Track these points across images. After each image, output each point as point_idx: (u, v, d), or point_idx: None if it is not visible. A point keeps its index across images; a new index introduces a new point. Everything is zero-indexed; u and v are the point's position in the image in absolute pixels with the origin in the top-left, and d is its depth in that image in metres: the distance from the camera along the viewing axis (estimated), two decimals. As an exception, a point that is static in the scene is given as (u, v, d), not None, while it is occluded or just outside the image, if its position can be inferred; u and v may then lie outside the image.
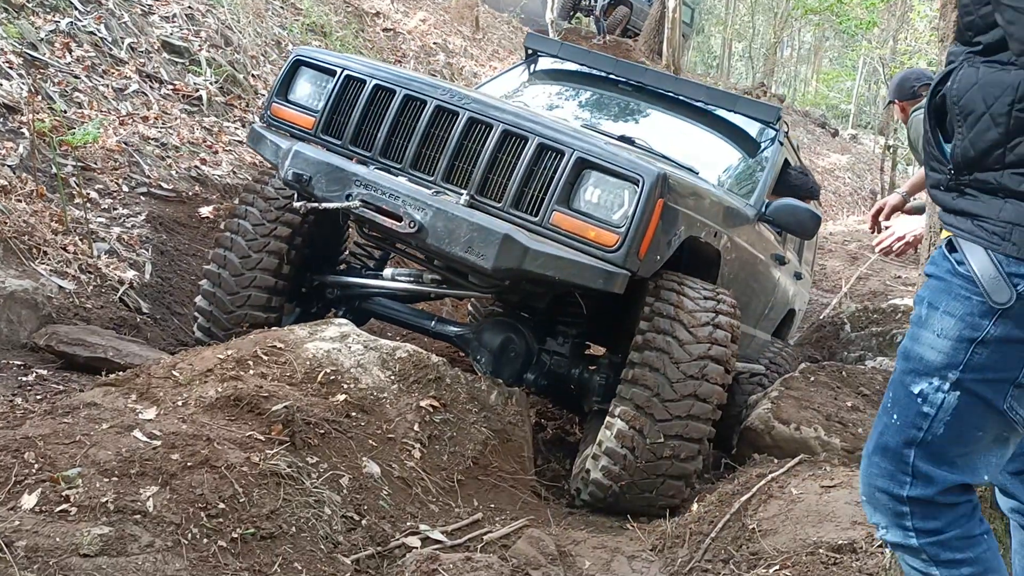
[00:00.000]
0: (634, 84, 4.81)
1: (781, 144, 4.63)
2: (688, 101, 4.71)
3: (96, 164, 4.67)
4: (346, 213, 3.38)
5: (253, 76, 6.77)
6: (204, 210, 5.00)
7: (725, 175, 4.46)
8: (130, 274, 4.18)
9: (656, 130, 4.52)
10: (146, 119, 5.35)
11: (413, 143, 3.37)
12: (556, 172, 3.15)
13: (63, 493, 2.00)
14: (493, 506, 2.97)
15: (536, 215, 3.17)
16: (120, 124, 5.11)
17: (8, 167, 4.12)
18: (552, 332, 3.83)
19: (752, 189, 4.36)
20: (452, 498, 2.88)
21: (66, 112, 4.75)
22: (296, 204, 3.43)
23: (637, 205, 3.04)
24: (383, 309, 4.05)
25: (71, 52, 5.24)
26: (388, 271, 3.95)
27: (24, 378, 3.15)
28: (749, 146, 4.68)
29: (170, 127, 5.48)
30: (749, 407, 4.23)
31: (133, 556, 1.92)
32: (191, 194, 5.07)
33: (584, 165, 3.15)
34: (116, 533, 1.94)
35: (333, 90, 3.55)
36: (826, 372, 4.51)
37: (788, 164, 4.83)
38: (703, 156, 4.40)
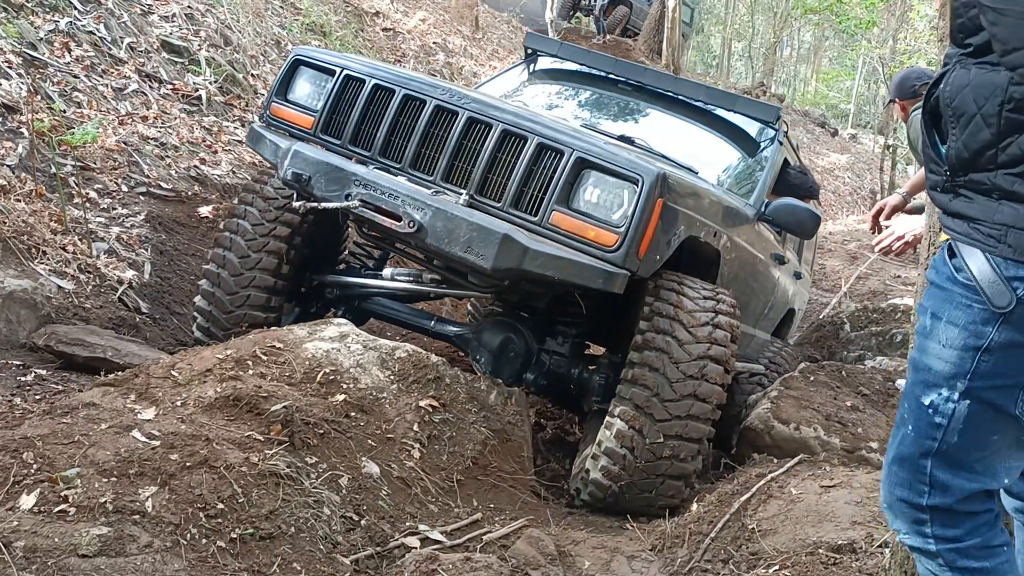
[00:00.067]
0: (634, 84, 4.81)
1: (780, 144, 4.63)
2: (688, 101, 4.71)
3: (95, 164, 4.67)
4: (345, 213, 3.37)
5: (252, 76, 6.77)
6: (203, 210, 5.00)
7: (725, 175, 4.45)
8: (129, 274, 4.18)
9: (656, 130, 4.52)
10: (145, 119, 5.35)
11: (412, 143, 3.37)
12: (556, 172, 3.15)
13: (62, 493, 2.00)
14: (492, 506, 2.97)
15: (535, 215, 3.17)
16: (119, 124, 5.11)
17: (7, 167, 4.12)
18: (552, 332, 3.82)
19: (752, 189, 4.36)
20: (451, 498, 2.88)
21: (65, 112, 4.75)
22: (295, 204, 3.43)
23: (637, 205, 3.03)
24: (382, 309, 4.05)
25: (70, 52, 5.23)
26: (387, 271, 3.94)
27: (23, 378, 3.15)
28: (748, 146, 4.68)
29: (169, 127, 5.47)
30: (749, 407, 4.23)
31: (132, 556, 1.91)
32: (190, 194, 5.06)
33: (583, 165, 3.15)
34: (115, 533, 1.94)
35: (332, 90, 3.55)
36: (826, 372, 4.51)
37: (788, 164, 4.83)
38: (702, 156, 4.39)
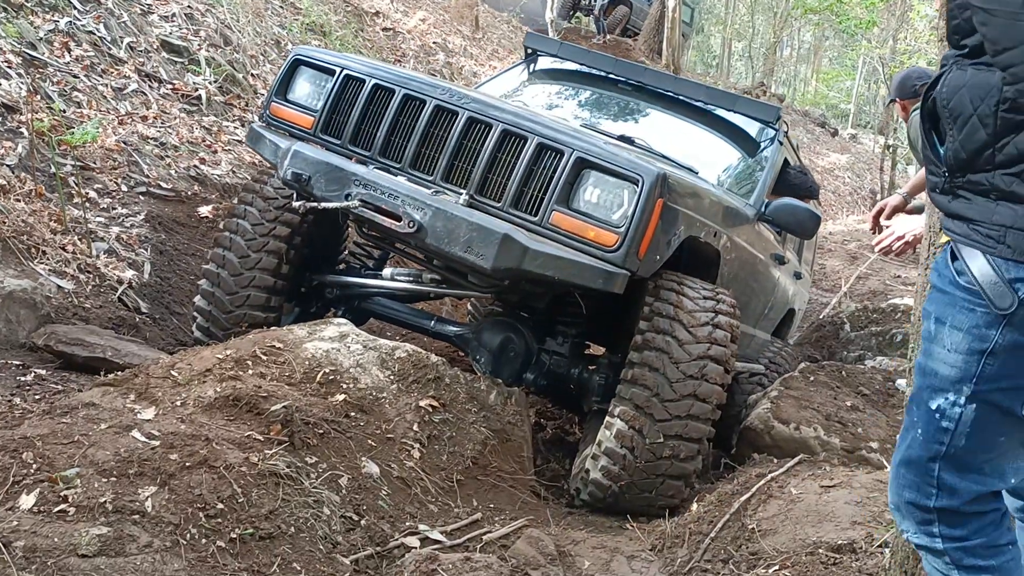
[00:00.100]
0: (634, 84, 4.81)
1: (781, 144, 4.63)
2: (688, 101, 4.70)
3: (95, 163, 4.67)
4: (345, 213, 3.37)
5: (252, 75, 6.77)
6: (203, 210, 5.00)
7: (725, 175, 4.45)
8: (129, 274, 4.18)
9: (656, 130, 4.52)
10: (145, 118, 5.34)
11: (412, 143, 3.37)
12: (556, 172, 3.15)
13: (61, 493, 2.00)
14: (492, 506, 2.97)
15: (535, 215, 3.16)
16: (119, 123, 5.10)
17: (7, 166, 4.12)
18: (552, 332, 3.82)
19: (752, 189, 4.36)
20: (451, 498, 2.88)
21: (65, 111, 4.75)
22: (295, 204, 3.42)
23: (637, 205, 3.03)
24: (382, 309, 4.05)
25: (70, 51, 5.23)
26: (387, 271, 3.94)
27: (23, 378, 3.15)
28: (749, 146, 4.68)
29: (169, 126, 5.47)
30: (749, 407, 4.23)
31: (131, 556, 1.91)
32: (190, 194, 5.06)
33: (584, 165, 3.15)
34: (114, 533, 1.93)
35: (332, 89, 3.54)
36: (826, 372, 4.51)
37: (788, 164, 4.83)
38: (703, 156, 4.39)
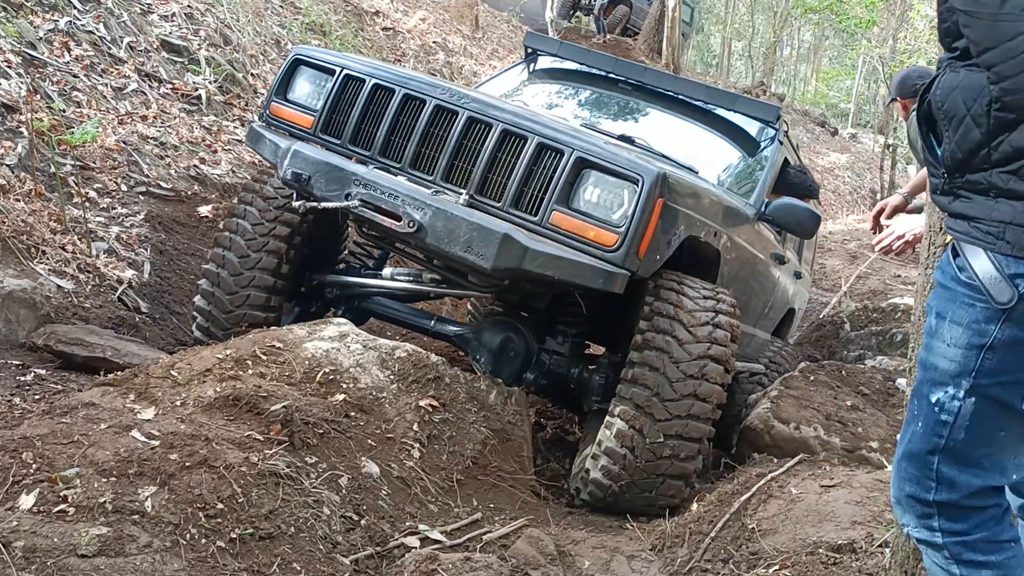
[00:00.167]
0: (634, 83, 4.80)
1: (781, 143, 4.63)
2: (688, 100, 4.70)
3: (95, 163, 4.66)
4: (345, 212, 3.37)
5: (252, 75, 6.76)
6: (203, 209, 5.00)
7: (725, 174, 4.45)
8: (129, 273, 4.18)
9: (656, 129, 4.52)
10: (145, 118, 5.34)
11: (412, 142, 3.37)
12: (556, 172, 3.15)
13: (61, 493, 2.00)
14: (492, 506, 2.97)
15: (535, 215, 3.16)
16: (119, 123, 5.10)
17: (7, 166, 4.11)
18: (552, 332, 3.82)
19: (752, 188, 4.36)
20: (451, 498, 2.88)
21: (65, 111, 4.74)
22: (295, 203, 3.42)
23: (637, 205, 3.03)
24: (382, 308, 4.05)
25: (70, 51, 5.23)
26: (387, 270, 3.94)
27: (22, 378, 3.15)
28: (749, 145, 4.68)
29: (169, 126, 5.47)
30: (749, 406, 4.23)
31: (131, 556, 1.91)
32: (190, 193, 5.06)
33: (584, 165, 3.14)
34: (114, 533, 1.93)
35: (332, 89, 3.54)
36: (826, 371, 4.51)
37: (788, 163, 4.83)
38: (703, 155, 4.39)
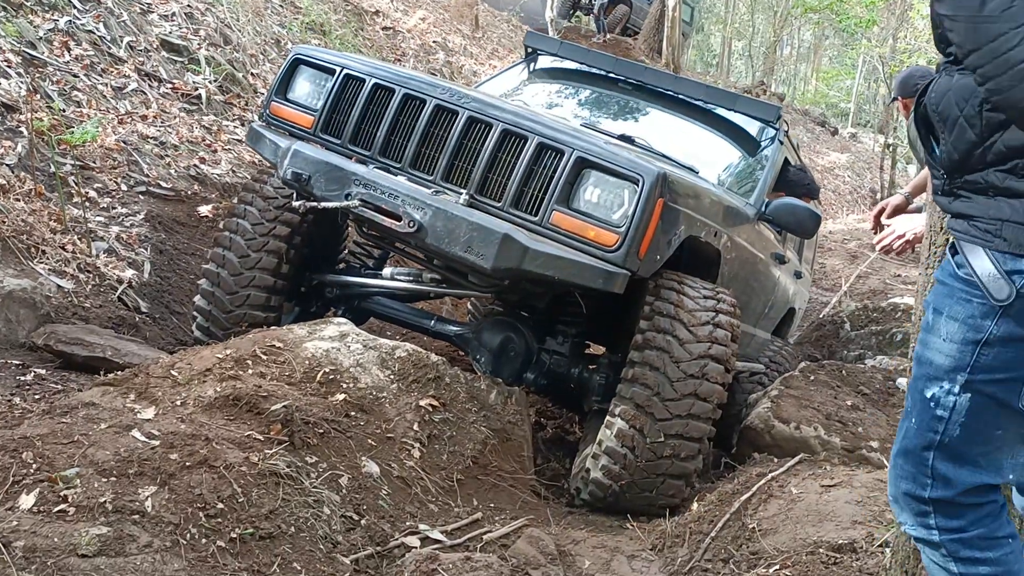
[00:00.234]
0: (634, 83, 4.80)
1: (781, 143, 4.63)
2: (688, 100, 4.70)
3: (95, 163, 4.66)
4: (345, 212, 3.37)
5: (252, 75, 6.76)
6: (203, 209, 4.99)
7: (725, 174, 4.45)
8: (129, 273, 4.18)
9: (656, 129, 4.51)
10: (145, 118, 5.34)
11: (412, 142, 3.37)
12: (556, 171, 3.14)
13: (61, 493, 1.99)
14: (493, 505, 2.97)
15: (536, 215, 3.16)
16: (119, 123, 5.10)
17: (7, 166, 4.11)
18: (552, 331, 3.82)
19: (752, 188, 4.36)
20: (451, 498, 2.88)
21: (65, 111, 4.74)
22: (295, 203, 3.42)
23: (637, 205, 3.03)
24: (382, 308, 4.05)
25: (70, 51, 5.23)
26: (387, 270, 3.94)
27: (22, 377, 3.15)
28: (749, 145, 4.68)
29: (169, 126, 5.47)
30: (749, 406, 4.23)
31: (131, 556, 1.91)
32: (190, 193, 5.06)
33: (584, 164, 3.14)
34: (114, 533, 1.93)
35: (332, 89, 3.54)
36: (826, 371, 4.50)
37: (788, 163, 4.83)
38: (703, 155, 4.39)
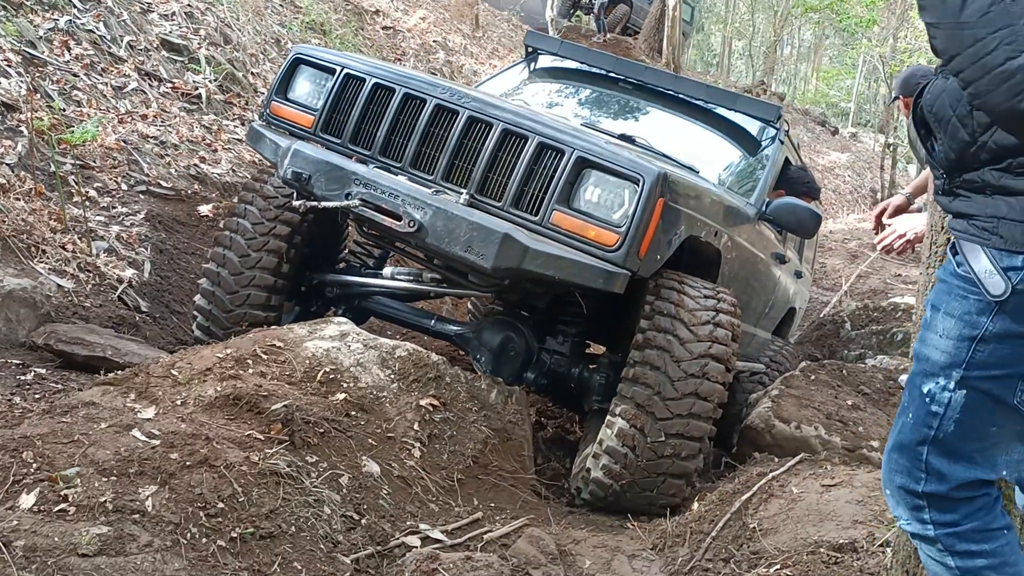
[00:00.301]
0: (634, 82, 4.80)
1: (781, 143, 4.62)
2: (688, 99, 4.70)
3: (95, 162, 4.66)
4: (345, 212, 3.37)
5: (252, 74, 6.76)
6: (203, 208, 4.99)
7: (725, 174, 4.45)
8: (129, 272, 4.18)
9: (656, 129, 4.51)
10: (145, 117, 5.34)
11: (413, 142, 3.37)
12: (556, 171, 3.14)
13: (61, 493, 1.99)
14: (493, 505, 2.97)
15: (536, 214, 3.16)
16: (119, 122, 5.10)
17: (7, 165, 4.11)
18: (552, 331, 3.82)
19: (752, 188, 4.35)
20: (452, 497, 2.88)
21: (65, 110, 4.74)
22: (295, 203, 3.42)
23: (637, 204, 3.03)
24: (383, 308, 4.04)
25: (70, 50, 5.23)
26: (388, 270, 3.94)
27: (22, 377, 3.15)
28: (749, 145, 4.68)
29: (169, 125, 5.47)
30: (750, 405, 4.23)
31: (132, 556, 1.91)
32: (190, 192, 5.06)
33: (584, 164, 3.14)
34: (115, 533, 1.93)
35: (332, 88, 3.54)
36: (826, 370, 4.50)
37: (788, 163, 4.83)
38: (703, 155, 4.39)
